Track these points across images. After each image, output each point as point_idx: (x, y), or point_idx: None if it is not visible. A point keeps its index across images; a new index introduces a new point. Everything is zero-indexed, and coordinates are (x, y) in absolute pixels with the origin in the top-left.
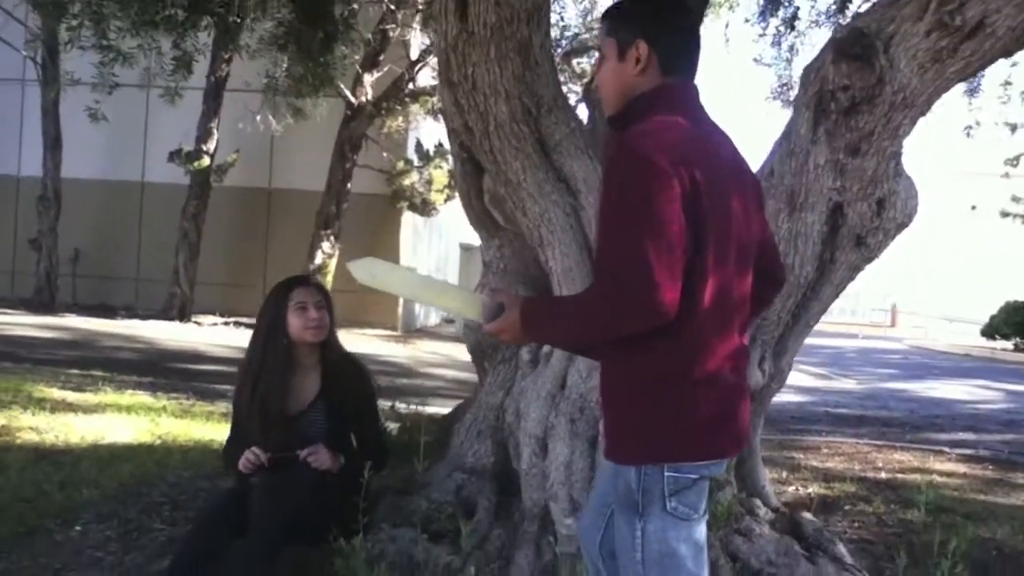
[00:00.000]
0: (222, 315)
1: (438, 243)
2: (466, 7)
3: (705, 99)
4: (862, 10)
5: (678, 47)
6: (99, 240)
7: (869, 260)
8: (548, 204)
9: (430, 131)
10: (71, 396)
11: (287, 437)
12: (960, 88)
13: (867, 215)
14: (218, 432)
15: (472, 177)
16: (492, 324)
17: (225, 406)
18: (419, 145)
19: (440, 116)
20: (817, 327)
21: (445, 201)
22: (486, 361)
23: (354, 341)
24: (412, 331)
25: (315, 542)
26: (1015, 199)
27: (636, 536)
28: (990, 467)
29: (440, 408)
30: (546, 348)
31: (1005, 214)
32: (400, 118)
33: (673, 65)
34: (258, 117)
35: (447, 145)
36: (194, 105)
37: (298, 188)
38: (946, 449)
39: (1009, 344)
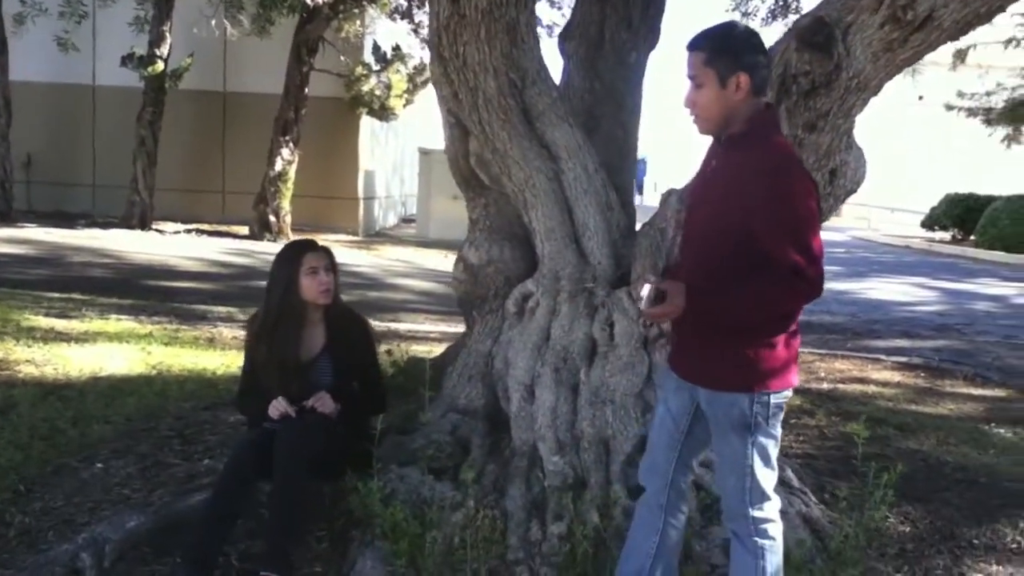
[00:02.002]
0: (184, 222)
1: (395, 146)
2: None
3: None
4: None
5: (765, 75)
6: (52, 145)
7: (820, 223)
8: (532, 170)
9: (387, 33)
10: (59, 324)
11: (300, 385)
12: None
13: (821, 183)
14: (208, 361)
15: (459, 141)
16: (655, 309)
17: (207, 329)
18: (376, 47)
19: (397, 17)
20: None
21: (404, 106)
22: (475, 310)
23: None
24: (372, 234)
25: (329, 481)
26: (960, 94)
27: (748, 448)
28: (922, 375)
29: (411, 325)
30: (531, 303)
31: (950, 107)
32: (358, 21)
33: (761, 88)
34: (213, 21)
35: (405, 48)
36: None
37: (254, 91)
38: (883, 357)
39: (947, 235)
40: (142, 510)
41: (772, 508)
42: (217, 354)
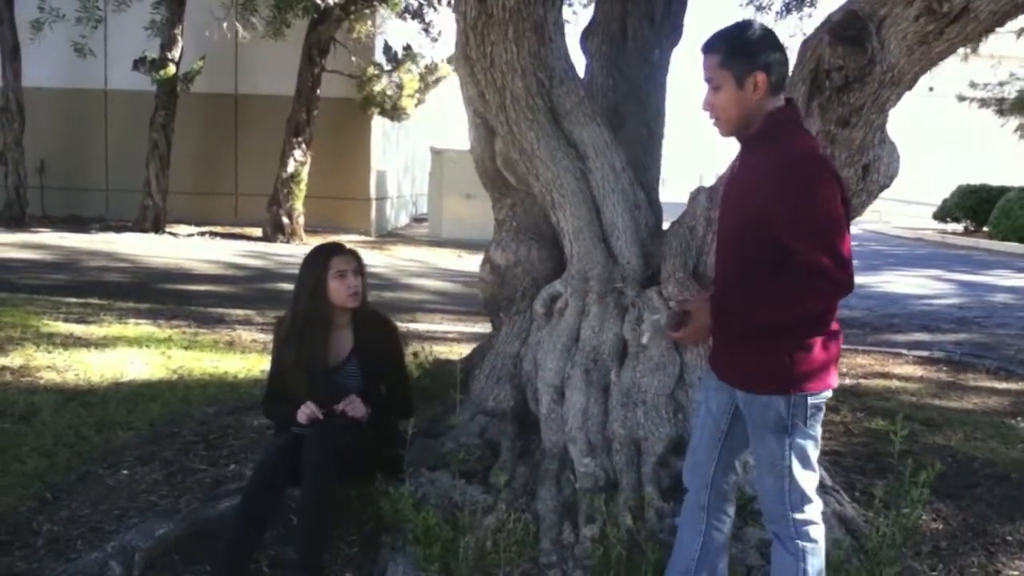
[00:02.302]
0: (196, 225)
1: (406, 145)
2: None
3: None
4: None
5: (782, 72)
6: (65, 150)
7: (852, 218)
8: (560, 170)
9: (397, 33)
10: (78, 329)
11: (328, 389)
12: None
13: (853, 179)
14: (228, 364)
15: (485, 141)
16: (680, 332)
17: (225, 333)
18: (387, 47)
19: (407, 16)
20: None
21: (416, 106)
22: (501, 312)
23: None
24: (385, 235)
25: (357, 485)
26: (972, 84)
27: (786, 450)
28: (944, 369)
29: (429, 325)
30: (559, 304)
31: (962, 98)
32: (369, 21)
33: (780, 86)
34: (224, 24)
35: (416, 48)
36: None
37: (265, 93)
38: (904, 351)
39: (959, 227)
40: (170, 517)
41: (813, 510)
42: (237, 357)
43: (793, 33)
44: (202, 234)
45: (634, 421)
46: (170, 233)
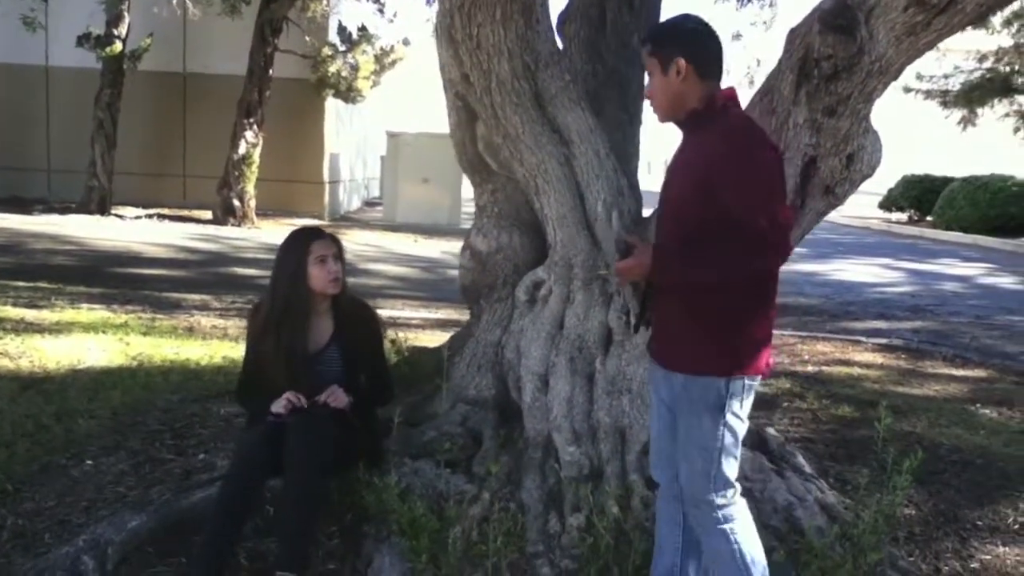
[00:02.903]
0: (144, 207)
1: (359, 127)
2: None
3: None
4: None
5: (708, 58)
6: (4, 129)
7: (835, 207)
8: (544, 155)
9: (352, 13)
10: (29, 314)
11: (308, 377)
12: None
13: (837, 168)
14: (189, 351)
15: (466, 125)
16: (623, 262)
17: (184, 318)
18: (342, 28)
19: None
20: None
21: (372, 87)
22: (482, 299)
23: (283, 232)
24: (338, 218)
25: (336, 476)
26: (919, 76)
27: (720, 429)
28: (903, 356)
29: (391, 311)
30: (543, 291)
31: (908, 90)
32: (323, 1)
33: (708, 72)
34: (174, 1)
35: (371, 28)
36: None
37: (215, 73)
38: (863, 339)
39: (904, 216)
40: (142, 509)
41: (734, 494)
42: (198, 344)
43: (754, 21)
44: (150, 216)
45: (619, 409)
46: (116, 215)
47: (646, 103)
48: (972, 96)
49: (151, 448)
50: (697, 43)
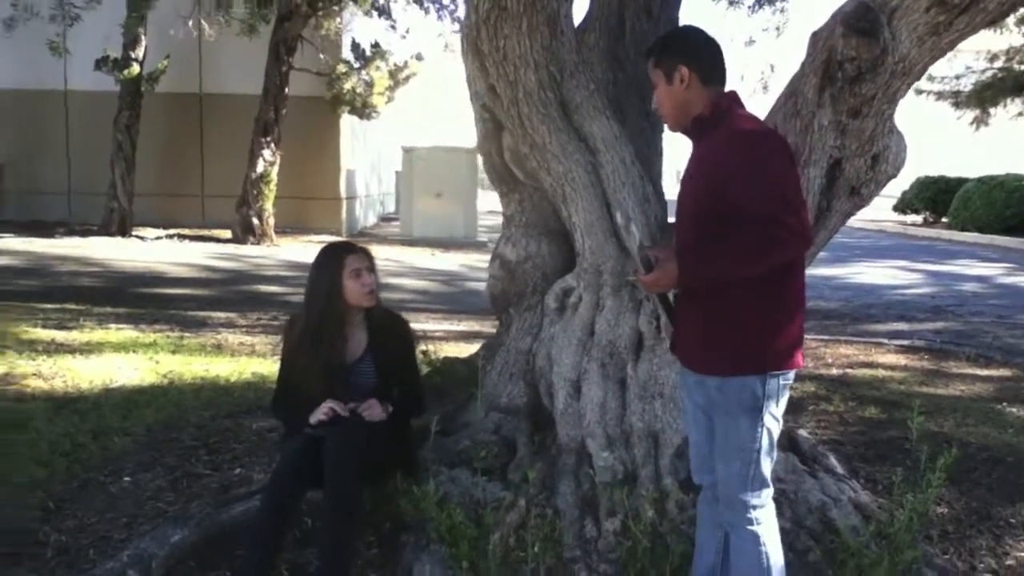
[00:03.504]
0: (164, 227)
1: (374, 143)
2: None
3: None
4: None
5: (710, 65)
6: (24, 153)
7: (860, 207)
8: (571, 164)
9: (365, 30)
10: (59, 336)
11: (344, 389)
12: None
13: (862, 169)
14: (219, 368)
15: (493, 136)
16: (648, 276)
17: (211, 336)
18: (355, 45)
19: (376, 13)
20: None
21: (386, 103)
22: (511, 308)
23: (303, 250)
24: (355, 234)
25: (372, 487)
26: (930, 77)
27: (758, 430)
28: (926, 357)
29: (415, 324)
30: (573, 298)
31: (919, 91)
32: (337, 18)
33: (711, 78)
34: (190, 22)
35: (384, 45)
36: (111, 8)
37: (230, 92)
38: (885, 341)
39: (919, 218)
40: (184, 523)
41: (768, 495)
42: (227, 361)
43: (766, 27)
44: (170, 236)
45: (652, 414)
46: (137, 236)
47: None
48: (984, 96)
49: (187, 464)
50: (697, 51)
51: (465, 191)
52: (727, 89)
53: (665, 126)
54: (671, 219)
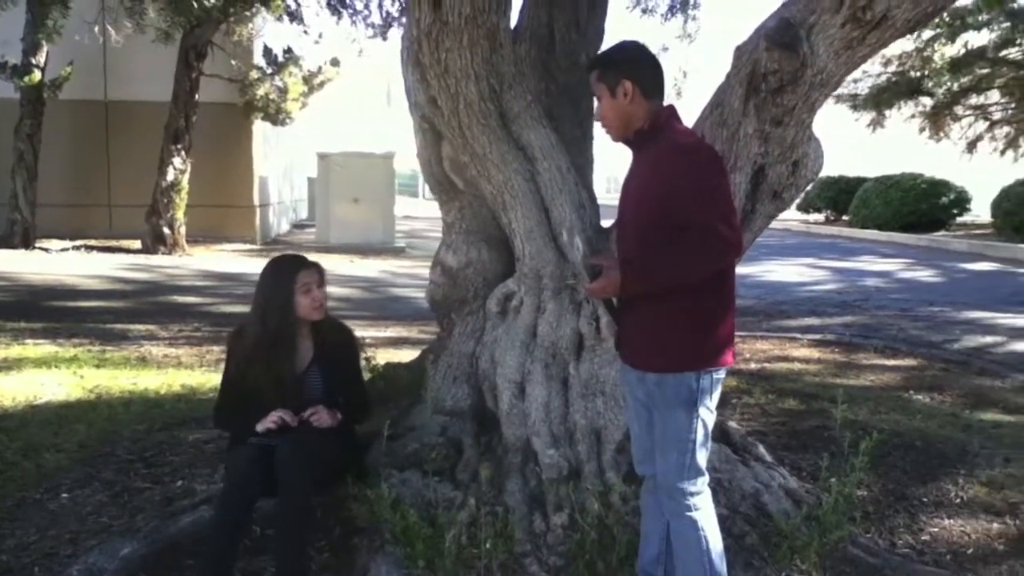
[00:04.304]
0: (70, 238)
1: (286, 149)
2: None
3: None
4: None
5: (651, 78)
6: None
7: (782, 210)
8: (511, 172)
9: (276, 35)
10: None
11: (296, 398)
12: None
13: (784, 174)
14: (146, 381)
15: (432, 146)
16: (594, 284)
17: (133, 349)
18: (267, 50)
19: (288, 19)
20: None
21: (300, 109)
22: (453, 313)
23: (217, 260)
24: (270, 242)
25: (325, 492)
26: None
27: (694, 423)
28: (837, 350)
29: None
30: (514, 302)
31: None
32: (249, 24)
33: (652, 92)
34: (96, 27)
35: (297, 51)
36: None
37: (138, 99)
38: (798, 335)
39: (821, 216)
40: (132, 536)
41: (703, 483)
42: (154, 373)
43: (679, 35)
44: (77, 248)
45: (594, 411)
46: (41, 248)
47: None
48: (880, 99)
49: (125, 478)
50: (640, 66)
51: (382, 197)
52: (665, 103)
53: (604, 135)
54: (604, 223)
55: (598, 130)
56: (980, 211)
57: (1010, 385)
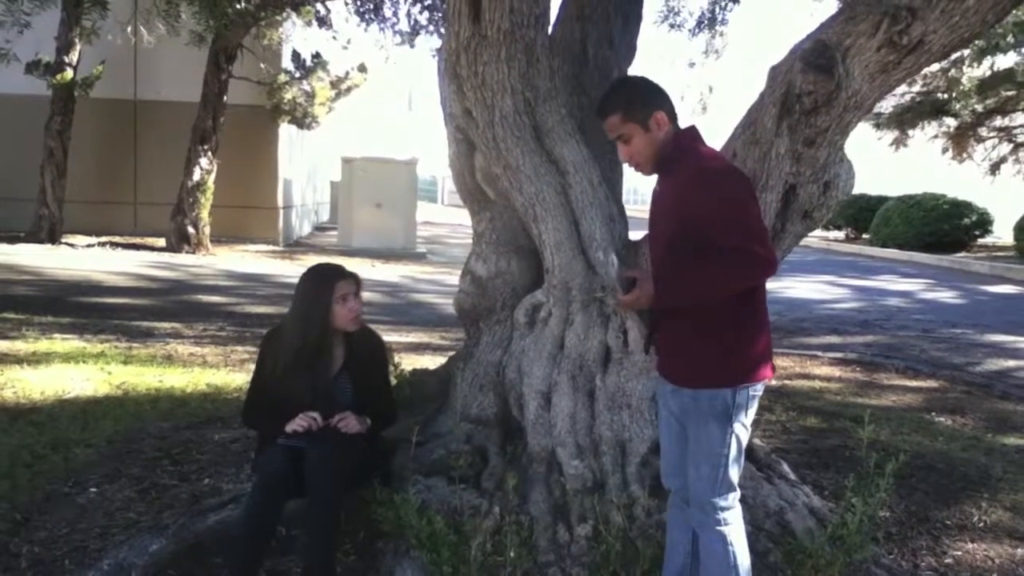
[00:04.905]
0: (95, 235)
1: (310, 152)
2: (479, 11)
3: None
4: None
5: (671, 103)
6: None
7: (812, 229)
8: (542, 185)
9: (305, 41)
10: (2, 345)
11: (327, 404)
12: None
13: (815, 194)
14: (173, 379)
15: (465, 156)
16: (628, 296)
17: (160, 347)
18: (296, 55)
19: (317, 24)
20: None
21: (328, 113)
22: (481, 321)
23: (240, 260)
24: (292, 244)
25: (350, 495)
26: None
27: (727, 438)
28: (858, 369)
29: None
30: (542, 313)
31: None
32: (280, 28)
33: (674, 117)
34: (128, 28)
35: (325, 55)
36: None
37: (166, 100)
38: (819, 353)
39: (841, 234)
40: (160, 532)
41: (735, 498)
42: (180, 372)
43: (705, 50)
44: (102, 245)
45: (620, 424)
46: (67, 244)
47: None
48: (904, 118)
49: (153, 475)
50: (662, 95)
51: (405, 203)
52: (684, 125)
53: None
54: (632, 236)
55: None
56: (1002, 233)
57: None
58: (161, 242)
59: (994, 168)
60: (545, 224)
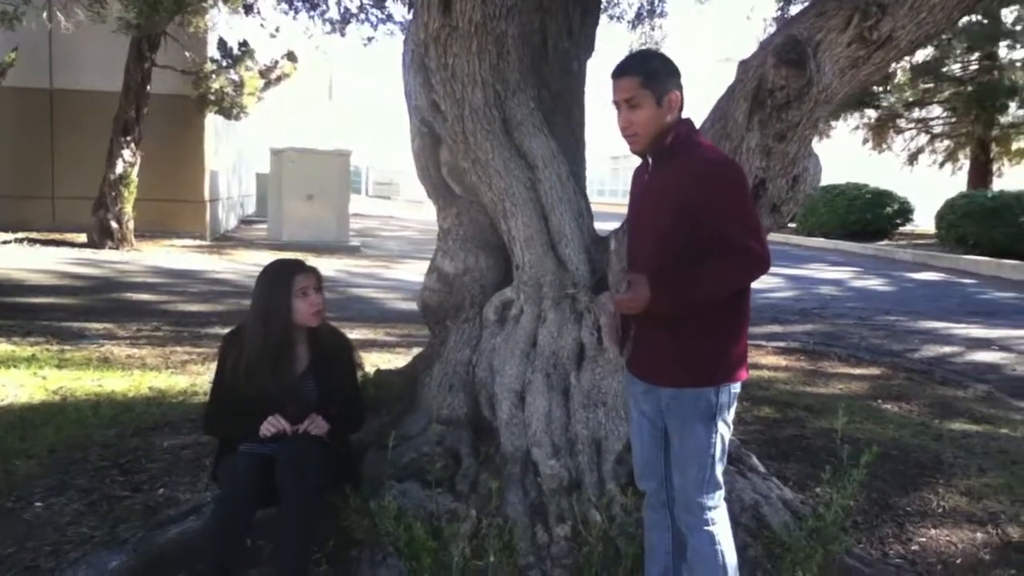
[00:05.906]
0: (11, 231)
1: (236, 143)
2: (450, 2)
3: None
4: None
5: (683, 93)
6: None
7: (780, 224)
8: (512, 180)
9: (231, 28)
10: None
11: (294, 405)
12: None
13: (784, 188)
14: (112, 383)
15: (430, 150)
16: (621, 297)
17: (94, 349)
18: (222, 43)
19: (244, 12)
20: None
21: (256, 103)
22: (448, 320)
23: (167, 255)
24: (219, 238)
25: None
26: None
27: (712, 438)
28: (802, 358)
29: None
30: (513, 311)
31: None
32: (207, 15)
33: (682, 104)
34: (44, 14)
35: (252, 44)
36: None
37: (86, 89)
38: (763, 343)
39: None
40: (119, 548)
41: (721, 496)
42: (120, 375)
43: (644, 42)
44: (19, 241)
45: (595, 422)
46: None
47: (587, 126)
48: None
49: (102, 485)
50: (680, 80)
51: (337, 195)
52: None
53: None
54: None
55: (588, 137)
56: (920, 221)
57: (972, 395)
58: (82, 238)
59: (912, 158)
60: (515, 220)
